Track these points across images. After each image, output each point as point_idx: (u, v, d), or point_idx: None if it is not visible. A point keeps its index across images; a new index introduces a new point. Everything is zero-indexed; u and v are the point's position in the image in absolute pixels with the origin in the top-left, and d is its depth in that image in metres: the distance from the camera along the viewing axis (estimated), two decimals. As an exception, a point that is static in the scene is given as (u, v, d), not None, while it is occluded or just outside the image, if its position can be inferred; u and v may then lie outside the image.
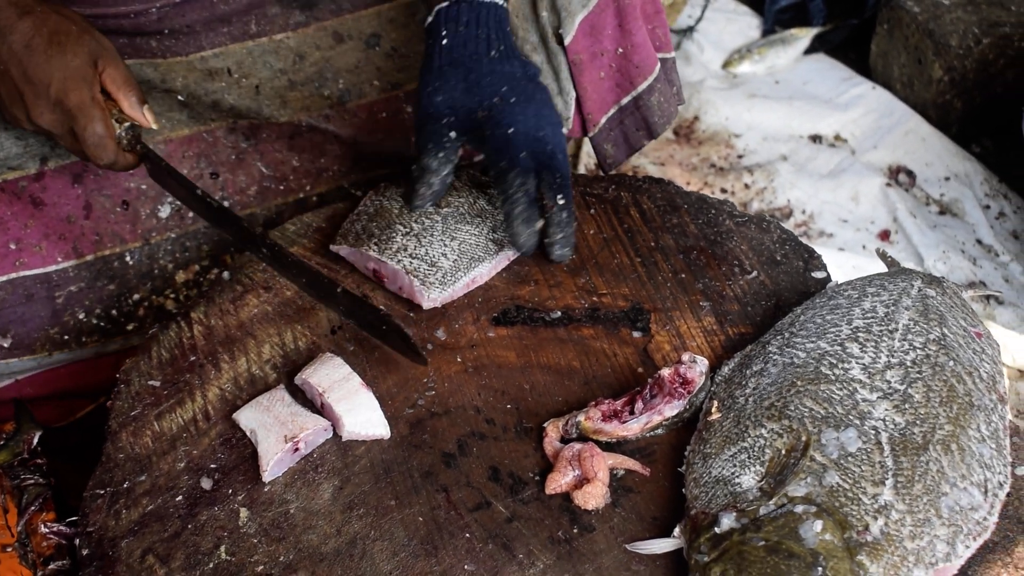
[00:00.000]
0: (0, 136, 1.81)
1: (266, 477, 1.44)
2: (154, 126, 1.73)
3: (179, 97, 1.94)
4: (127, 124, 1.70)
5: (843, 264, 2.69)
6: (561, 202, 1.66)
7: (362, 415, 1.49)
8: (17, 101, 1.66)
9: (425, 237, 1.70)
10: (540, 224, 1.68)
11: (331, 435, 1.50)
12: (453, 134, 1.70)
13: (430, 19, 1.76)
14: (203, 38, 1.94)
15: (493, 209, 1.76)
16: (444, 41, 1.73)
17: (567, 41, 1.90)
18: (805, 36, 3.57)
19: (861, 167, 3.14)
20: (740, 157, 3.23)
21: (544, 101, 1.74)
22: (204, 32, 1.94)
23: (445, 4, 1.74)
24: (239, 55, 1.97)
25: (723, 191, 3.09)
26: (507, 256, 1.74)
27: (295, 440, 1.45)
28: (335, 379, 1.51)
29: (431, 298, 1.66)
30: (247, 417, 1.51)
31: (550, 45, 1.92)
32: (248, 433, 1.50)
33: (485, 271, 1.71)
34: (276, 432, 1.46)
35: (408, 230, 1.71)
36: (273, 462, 1.44)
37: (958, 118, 3.25)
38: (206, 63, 1.95)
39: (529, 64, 1.78)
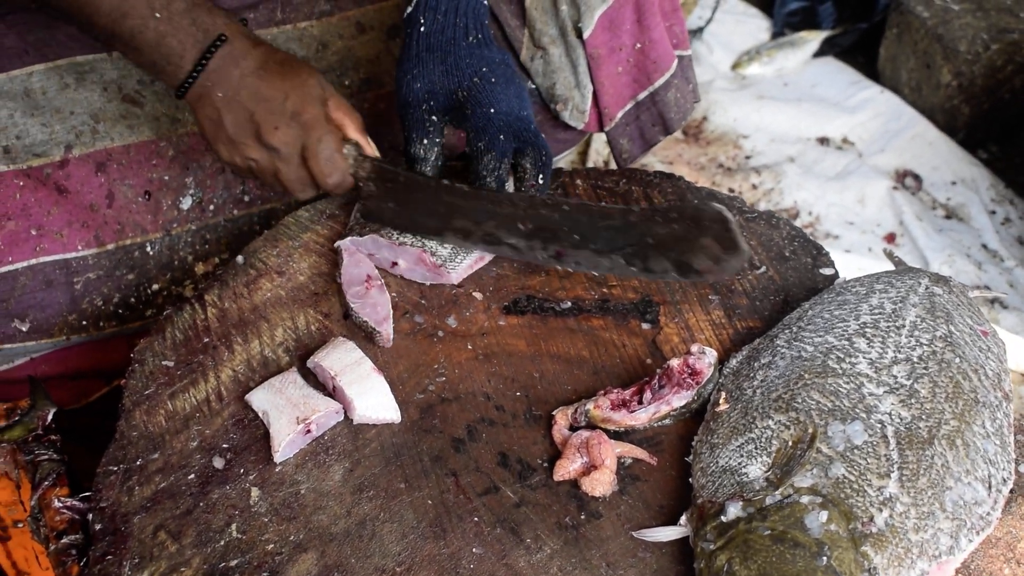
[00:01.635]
0: (27, 123, 1.83)
1: (277, 458, 1.46)
2: (376, 153, 1.73)
3: None
4: (352, 142, 1.70)
5: (848, 266, 2.70)
6: (541, 181, 1.70)
7: (373, 399, 1.50)
8: (244, 123, 1.65)
9: None
10: None
11: (342, 418, 1.51)
12: (435, 118, 1.72)
13: (409, 9, 1.76)
14: None
15: None
16: (422, 28, 1.74)
17: (586, 35, 1.91)
18: (814, 39, 3.58)
19: (868, 170, 3.16)
20: (748, 158, 3.25)
21: (521, 86, 1.77)
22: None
23: None
24: None
25: (730, 191, 3.11)
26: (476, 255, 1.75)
27: (307, 422, 1.47)
28: (347, 363, 1.52)
29: (456, 273, 1.70)
30: (259, 399, 1.52)
31: (569, 39, 1.94)
32: (260, 414, 1.51)
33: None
34: (288, 414, 1.48)
35: None
36: (285, 443, 1.45)
37: (965, 123, 3.27)
38: None
39: (506, 53, 1.79)
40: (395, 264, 1.73)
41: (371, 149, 1.73)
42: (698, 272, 1.56)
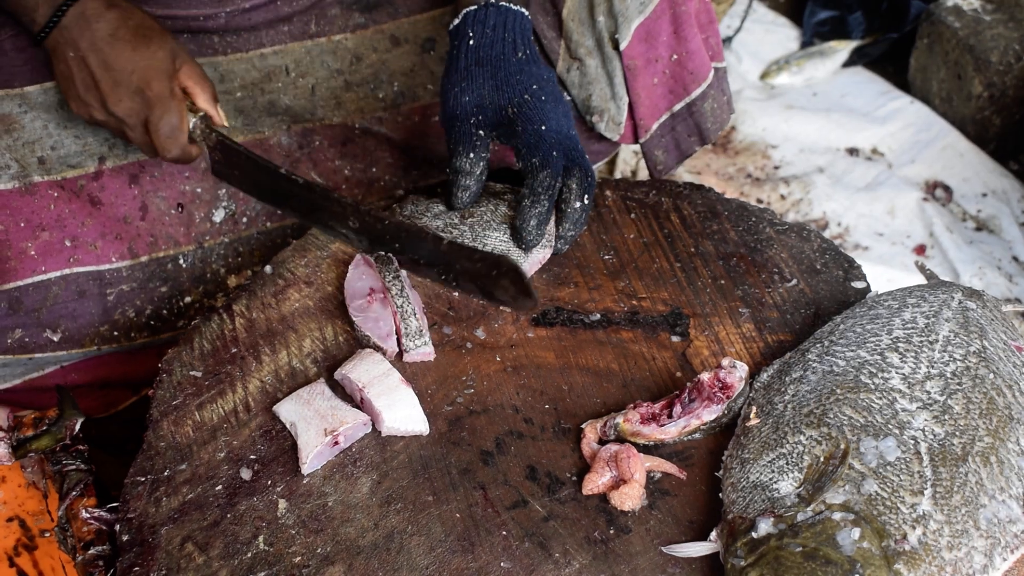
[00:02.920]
0: (61, 134, 1.83)
1: (305, 470, 1.45)
2: (225, 122, 1.76)
3: (236, 96, 1.96)
4: (200, 114, 1.73)
5: (878, 277, 2.69)
6: (586, 202, 1.69)
7: (402, 411, 1.49)
8: (91, 89, 1.70)
9: None
10: (551, 224, 1.71)
11: (370, 429, 1.51)
12: (482, 132, 1.71)
13: (456, 22, 1.77)
14: (264, 35, 1.97)
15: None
16: (471, 42, 1.75)
17: (623, 46, 1.91)
18: (844, 49, 3.57)
19: (898, 181, 3.14)
20: (776, 168, 3.23)
21: (567, 105, 1.78)
22: (265, 30, 1.97)
23: (473, 8, 1.76)
24: (298, 53, 1.99)
25: (759, 202, 3.10)
26: (537, 260, 1.74)
27: (335, 434, 1.46)
28: (375, 375, 1.52)
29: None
30: (287, 410, 1.52)
31: (605, 50, 1.93)
32: (288, 426, 1.51)
33: None
34: (316, 425, 1.47)
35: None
36: (313, 455, 1.45)
37: (997, 134, 3.25)
38: (265, 60, 1.97)
39: (551, 69, 1.79)
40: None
41: (219, 118, 1.75)
42: (500, 301, 1.59)
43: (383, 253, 1.64)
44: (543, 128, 1.69)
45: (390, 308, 1.62)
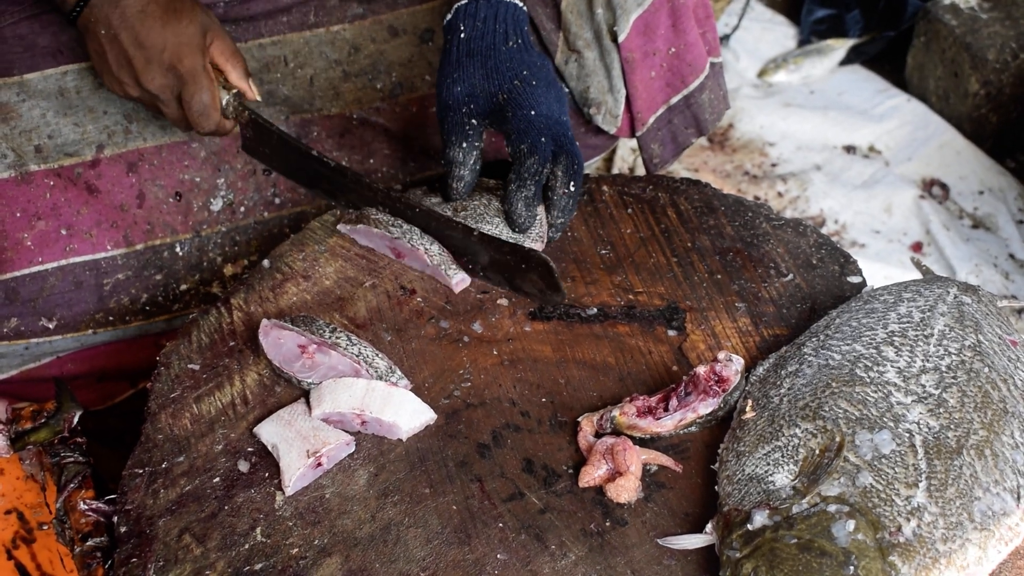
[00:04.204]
0: (59, 122, 1.84)
1: (289, 492, 1.43)
2: (258, 97, 1.79)
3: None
4: (233, 91, 1.76)
5: (875, 275, 2.69)
6: (572, 189, 1.70)
7: (408, 410, 1.49)
8: (124, 66, 1.71)
9: None
10: (540, 208, 1.73)
11: (353, 449, 1.49)
12: (475, 121, 1.72)
13: (449, 16, 1.79)
14: (262, 26, 1.97)
15: None
16: (462, 35, 1.77)
17: (621, 39, 1.91)
18: (841, 47, 3.57)
19: (895, 179, 3.14)
20: (774, 166, 3.24)
21: (561, 90, 1.78)
22: (264, 21, 1.97)
23: (464, 1, 1.77)
24: (296, 44, 2.00)
25: (756, 199, 3.09)
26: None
27: (318, 455, 1.44)
28: (361, 395, 1.50)
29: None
30: (268, 432, 1.50)
31: (604, 42, 1.94)
32: (270, 448, 1.48)
33: None
34: (298, 447, 1.46)
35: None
36: (296, 477, 1.43)
37: (993, 132, 3.25)
38: (264, 51, 1.98)
39: (546, 57, 1.80)
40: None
41: (252, 94, 1.78)
42: (526, 293, 1.68)
43: (302, 315, 1.63)
44: (532, 113, 1.70)
45: (336, 353, 1.56)
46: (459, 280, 1.70)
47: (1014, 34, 3.21)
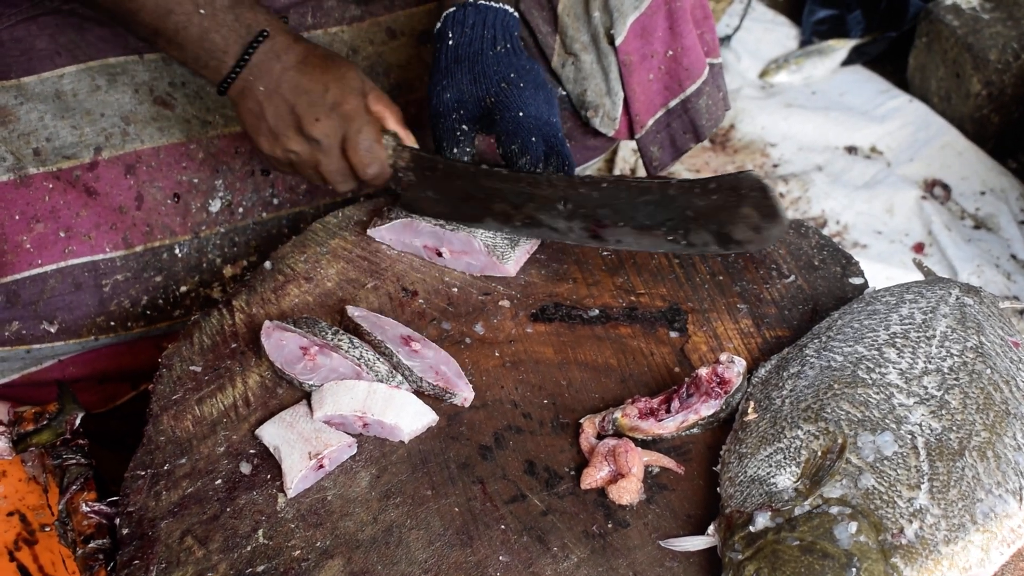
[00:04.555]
0: (57, 125, 1.84)
1: (290, 494, 1.43)
2: (415, 144, 1.75)
3: None
4: (391, 133, 1.73)
5: (877, 275, 2.68)
6: None
7: (410, 412, 1.49)
8: (285, 116, 1.68)
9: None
10: None
11: (355, 451, 1.49)
12: (465, 127, 1.74)
13: (438, 25, 1.81)
14: None
15: None
16: (450, 41, 1.78)
17: (618, 42, 1.91)
18: (842, 48, 3.57)
19: (897, 179, 3.14)
20: (775, 166, 3.24)
21: (551, 92, 1.79)
22: None
23: (452, 9, 1.79)
24: None
25: (757, 199, 3.09)
26: (524, 250, 1.77)
27: (319, 457, 1.44)
28: (363, 397, 1.50)
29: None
30: (270, 433, 1.50)
31: (601, 45, 1.94)
32: (272, 450, 1.49)
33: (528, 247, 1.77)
34: (300, 449, 1.46)
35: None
36: (298, 479, 1.43)
37: (995, 132, 3.25)
38: None
39: (535, 61, 1.81)
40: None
41: (410, 139, 1.75)
42: (738, 243, 1.59)
43: (304, 316, 1.62)
44: (520, 115, 1.70)
45: (338, 355, 1.56)
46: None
47: (1016, 34, 3.21)
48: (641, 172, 3.06)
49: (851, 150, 3.28)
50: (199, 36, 1.65)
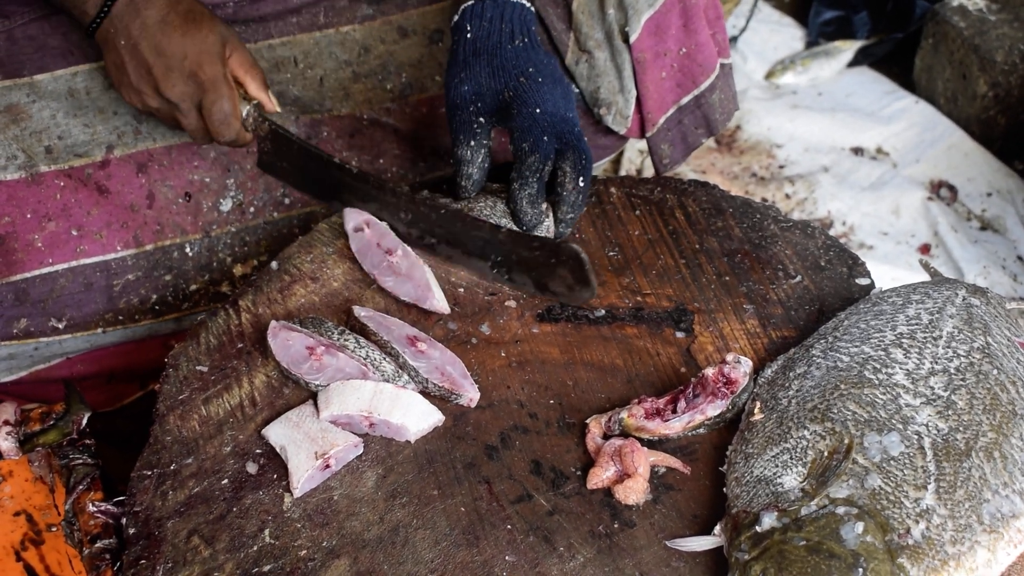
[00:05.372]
0: (69, 123, 1.84)
1: (297, 494, 1.43)
2: (277, 108, 1.80)
3: None
4: (253, 103, 1.77)
5: (883, 277, 2.68)
6: (581, 184, 1.70)
7: (416, 412, 1.49)
8: (144, 76, 1.72)
9: None
10: (545, 204, 1.73)
11: (361, 451, 1.49)
12: (482, 119, 1.74)
13: (456, 18, 1.81)
14: (272, 26, 1.98)
15: None
16: (468, 35, 1.78)
17: (632, 39, 1.92)
18: (849, 49, 3.57)
19: (903, 180, 3.14)
20: (781, 167, 3.23)
21: (568, 87, 1.79)
22: (274, 21, 1.98)
23: (471, 2, 1.79)
24: (306, 45, 2.00)
25: (763, 200, 3.09)
26: None
27: (326, 457, 1.44)
28: (369, 397, 1.50)
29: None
30: (277, 433, 1.50)
31: (615, 43, 1.94)
32: (278, 449, 1.49)
33: None
34: (306, 449, 1.46)
35: None
36: (304, 479, 1.43)
37: (1002, 134, 3.25)
38: (274, 52, 1.98)
39: (553, 55, 1.81)
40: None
41: (271, 105, 1.79)
42: (554, 292, 1.68)
43: (311, 316, 1.63)
44: (537, 111, 1.70)
45: (344, 355, 1.56)
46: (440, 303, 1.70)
47: (1023, 35, 3.20)
48: (648, 173, 3.06)
49: (857, 151, 3.28)
50: None
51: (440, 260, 1.75)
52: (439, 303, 1.67)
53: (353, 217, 1.75)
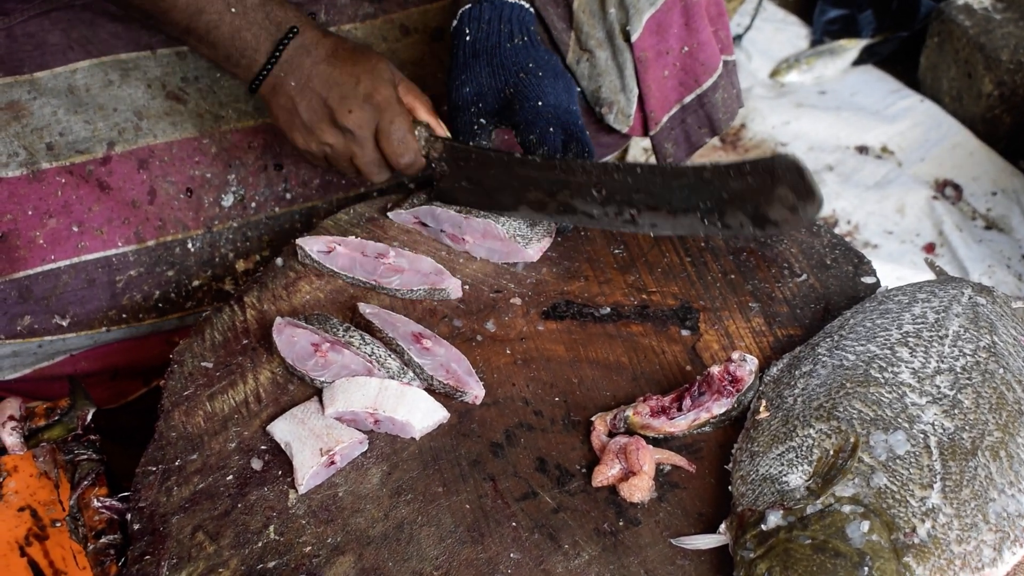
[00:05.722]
0: (70, 120, 1.84)
1: (301, 490, 1.43)
2: (446, 133, 1.78)
3: None
4: (424, 124, 1.76)
5: (888, 275, 2.67)
6: None
7: (421, 409, 1.49)
8: (318, 108, 1.72)
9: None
10: None
11: (366, 448, 1.49)
12: (483, 120, 1.75)
13: (455, 23, 1.82)
14: None
15: None
16: (467, 38, 1.79)
17: (634, 38, 1.91)
18: (854, 47, 3.57)
19: (908, 179, 3.14)
20: (786, 166, 3.23)
21: (570, 80, 1.80)
22: None
23: (468, 6, 1.80)
24: None
25: (768, 199, 3.09)
26: (538, 248, 1.77)
27: (331, 453, 1.44)
28: (375, 393, 1.50)
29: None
30: (281, 429, 1.50)
31: (616, 42, 1.94)
32: (283, 446, 1.49)
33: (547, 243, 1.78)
34: (311, 445, 1.46)
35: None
36: (309, 475, 1.43)
37: (1007, 133, 3.25)
38: None
39: (553, 53, 1.81)
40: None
41: (442, 129, 1.77)
42: (774, 223, 1.55)
43: (316, 313, 1.62)
44: (540, 104, 1.71)
45: (349, 352, 1.56)
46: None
47: (1028, 35, 3.20)
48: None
49: (862, 150, 3.28)
50: (230, 34, 1.69)
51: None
52: (452, 284, 1.69)
53: (311, 243, 1.74)
